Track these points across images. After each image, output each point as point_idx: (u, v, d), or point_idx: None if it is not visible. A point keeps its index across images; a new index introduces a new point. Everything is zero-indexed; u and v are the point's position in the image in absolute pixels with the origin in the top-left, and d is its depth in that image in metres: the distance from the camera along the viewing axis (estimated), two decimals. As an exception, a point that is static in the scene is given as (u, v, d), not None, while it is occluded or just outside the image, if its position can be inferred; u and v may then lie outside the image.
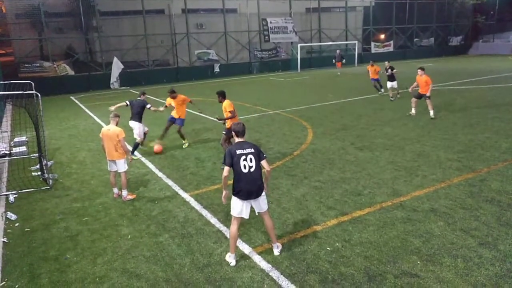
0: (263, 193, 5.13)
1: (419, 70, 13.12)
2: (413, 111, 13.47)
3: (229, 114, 8.91)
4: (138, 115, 10.19)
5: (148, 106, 10.29)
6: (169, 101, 10.89)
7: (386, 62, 17.30)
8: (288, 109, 15.87)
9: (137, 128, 10.24)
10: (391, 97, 16.88)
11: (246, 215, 5.11)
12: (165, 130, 11.05)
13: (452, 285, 4.46)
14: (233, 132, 5.23)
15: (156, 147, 10.55)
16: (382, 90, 18.47)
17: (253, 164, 4.97)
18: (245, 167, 4.94)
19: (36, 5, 26.00)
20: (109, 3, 30.03)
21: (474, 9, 46.19)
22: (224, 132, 9.20)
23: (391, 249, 5.27)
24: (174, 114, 10.95)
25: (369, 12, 40.45)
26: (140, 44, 29.93)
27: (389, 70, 16.58)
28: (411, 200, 6.76)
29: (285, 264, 5.06)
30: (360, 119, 13.41)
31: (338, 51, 31.37)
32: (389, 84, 16.72)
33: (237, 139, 5.19)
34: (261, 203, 5.14)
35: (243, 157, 4.95)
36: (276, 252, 5.32)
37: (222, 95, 9.02)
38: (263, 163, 5.07)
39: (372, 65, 18.46)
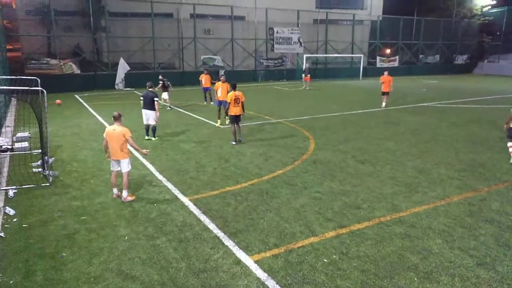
0: None
1: (385, 72, 18.54)
2: (383, 104, 18.54)
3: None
4: (151, 104, 11.74)
5: (156, 99, 11.76)
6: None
7: (160, 76, 18.51)
8: (291, 118, 15.89)
9: (153, 114, 11.82)
10: (169, 107, 18.21)
11: None
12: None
13: (448, 304, 4.44)
14: None
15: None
16: (212, 103, 18.24)
17: None
18: None
19: (46, 3, 26.25)
20: (119, 4, 30.24)
21: (480, 29, 46.44)
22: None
23: (388, 264, 5.25)
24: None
25: (376, 27, 40.68)
26: (147, 46, 30.07)
27: (162, 82, 17.82)
28: (410, 216, 6.74)
29: (281, 274, 5.04)
30: (363, 132, 13.43)
31: (307, 64, 30.58)
32: (164, 95, 17.85)
33: None
34: None
35: None
36: None
37: (231, 86, 11.61)
38: None
39: (206, 74, 19.10)
